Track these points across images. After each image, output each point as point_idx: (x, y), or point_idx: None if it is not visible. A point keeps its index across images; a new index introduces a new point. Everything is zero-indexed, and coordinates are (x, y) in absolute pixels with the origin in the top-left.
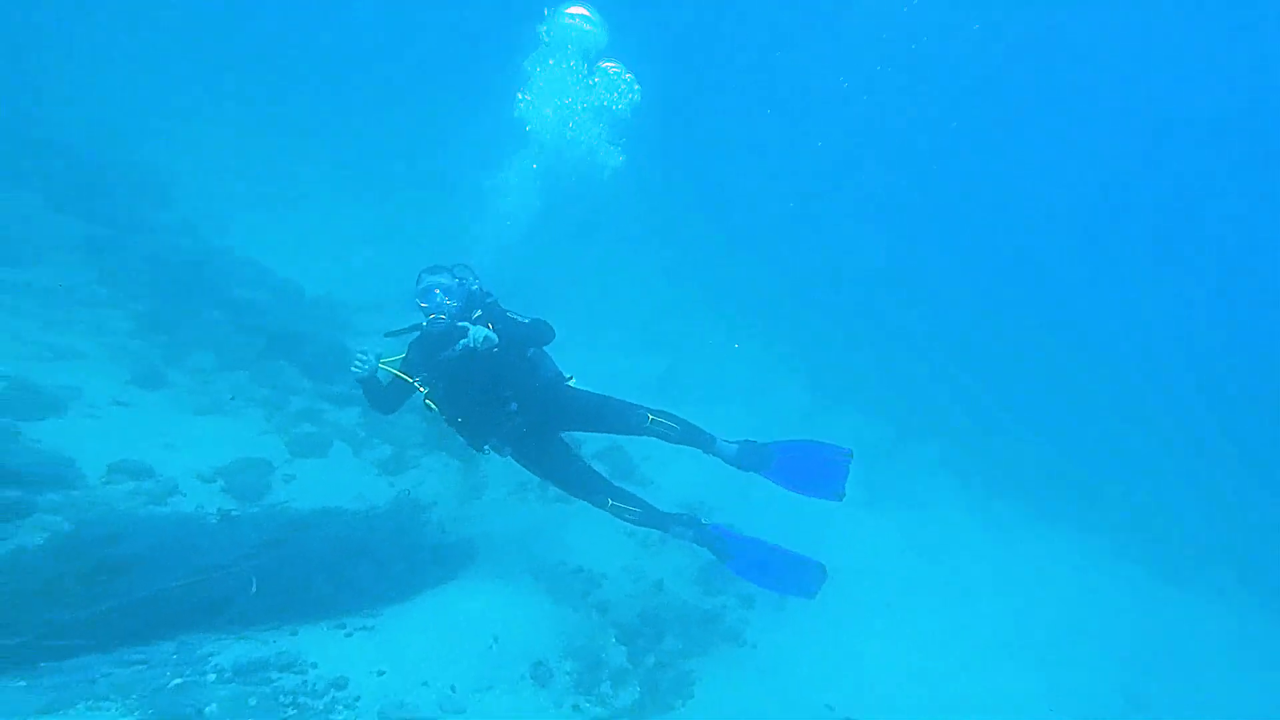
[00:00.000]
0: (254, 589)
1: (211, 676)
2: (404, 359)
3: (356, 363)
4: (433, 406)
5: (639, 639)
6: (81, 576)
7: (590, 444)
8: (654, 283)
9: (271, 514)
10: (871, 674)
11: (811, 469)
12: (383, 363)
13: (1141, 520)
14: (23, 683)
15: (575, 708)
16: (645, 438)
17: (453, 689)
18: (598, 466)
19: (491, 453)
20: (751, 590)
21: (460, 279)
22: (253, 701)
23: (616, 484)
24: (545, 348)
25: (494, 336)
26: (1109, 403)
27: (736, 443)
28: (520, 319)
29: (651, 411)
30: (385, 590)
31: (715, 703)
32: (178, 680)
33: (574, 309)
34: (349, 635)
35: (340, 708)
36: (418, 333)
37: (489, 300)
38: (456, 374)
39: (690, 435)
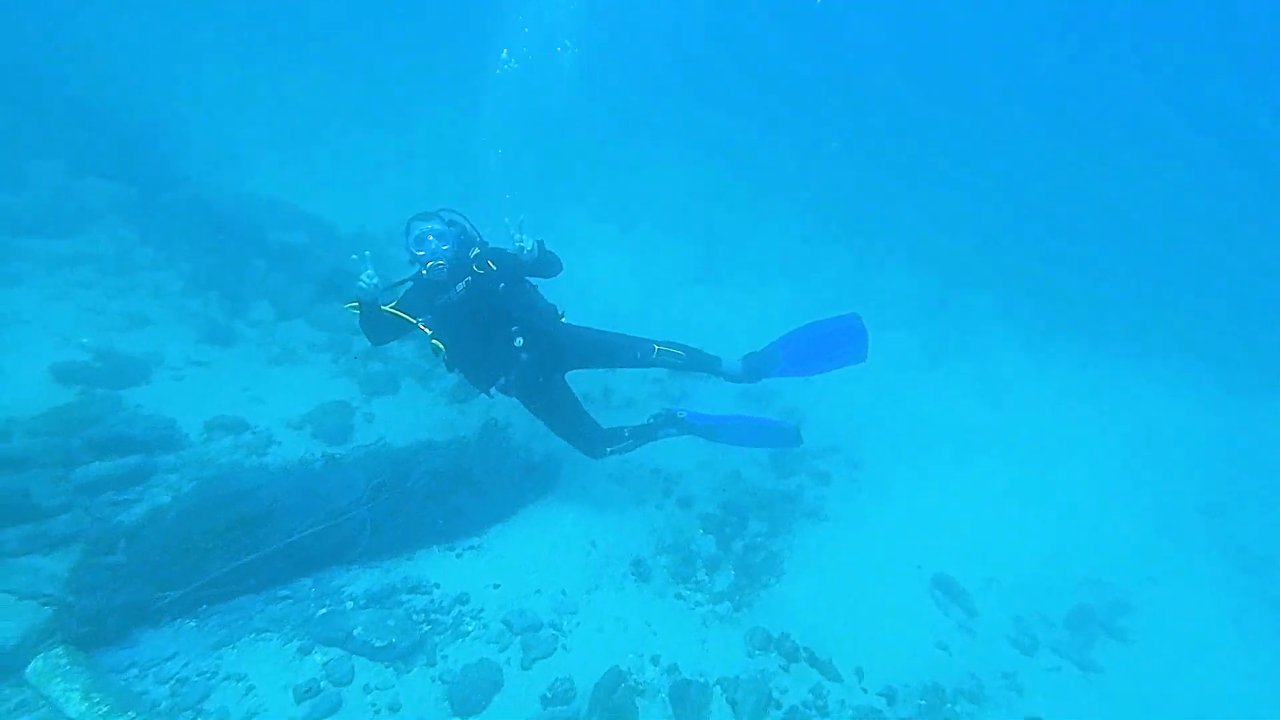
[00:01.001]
0: (370, 530)
1: (349, 604)
2: (400, 302)
3: (362, 281)
4: (440, 346)
5: (725, 527)
6: (218, 533)
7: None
8: (686, 169)
9: (371, 454)
10: (956, 529)
11: (823, 347)
12: (384, 307)
13: (1204, 338)
14: (193, 624)
15: (678, 596)
16: (651, 369)
17: (563, 593)
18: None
19: (498, 394)
20: (822, 466)
21: (451, 221)
22: (391, 622)
23: (603, 426)
24: (542, 281)
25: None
26: (1156, 225)
27: (739, 359)
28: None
29: (657, 342)
30: (486, 512)
31: (806, 576)
32: (323, 610)
33: (607, 201)
34: (459, 556)
35: (468, 620)
36: (412, 282)
37: (484, 241)
38: (460, 315)
39: (696, 361)
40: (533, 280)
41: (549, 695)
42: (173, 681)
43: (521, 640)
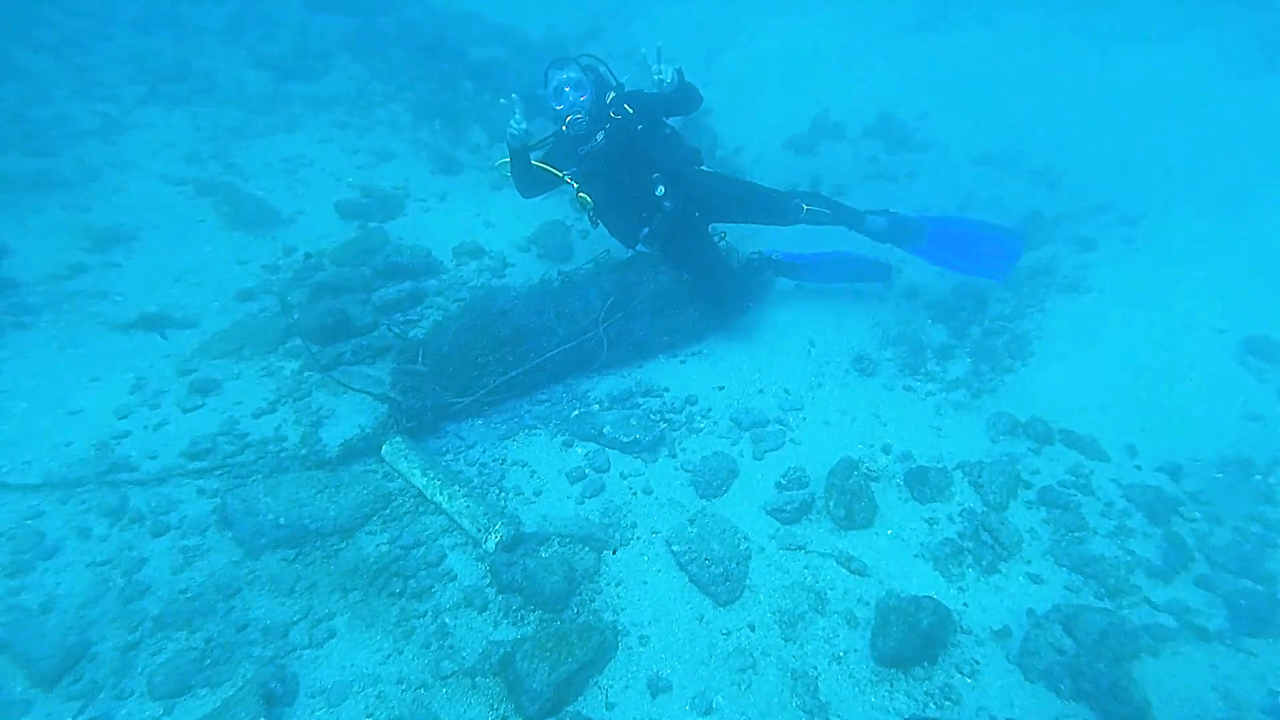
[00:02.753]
0: (606, 349)
1: (595, 406)
2: (547, 155)
3: (511, 127)
4: (586, 199)
5: (959, 314)
6: (489, 348)
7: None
8: None
9: (599, 271)
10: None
11: (970, 247)
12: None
13: None
14: (481, 422)
15: (907, 389)
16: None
17: (786, 391)
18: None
19: (643, 248)
20: (1084, 231)
21: (587, 67)
22: (633, 421)
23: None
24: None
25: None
26: None
27: (884, 215)
28: (659, 91)
29: (805, 201)
30: (704, 322)
31: (1062, 356)
32: (575, 412)
33: None
34: (683, 363)
35: (698, 418)
36: (554, 137)
37: (620, 84)
38: (601, 164)
39: (840, 215)
40: (673, 123)
41: (783, 481)
42: (477, 465)
43: (750, 435)
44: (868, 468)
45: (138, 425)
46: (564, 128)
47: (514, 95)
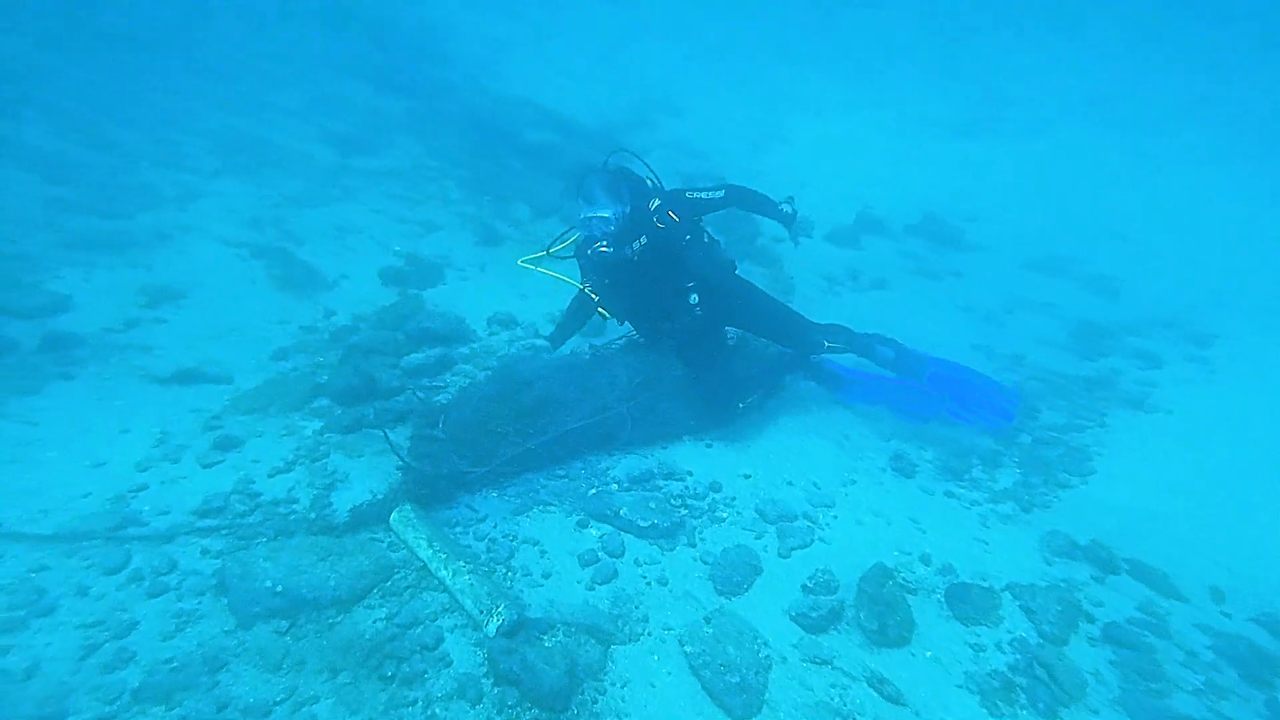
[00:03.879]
0: (630, 426)
1: (614, 486)
2: (575, 254)
3: None
4: (605, 314)
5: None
6: (510, 418)
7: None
8: None
9: (628, 349)
10: None
11: (968, 395)
12: (544, 270)
13: None
14: (495, 494)
15: (949, 495)
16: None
17: (816, 486)
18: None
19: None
20: (1148, 346)
21: (625, 177)
22: (652, 504)
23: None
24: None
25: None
26: None
27: (891, 346)
28: (703, 195)
29: (827, 337)
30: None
31: (1126, 477)
32: (593, 490)
33: (835, 46)
34: (709, 446)
35: (722, 507)
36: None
37: (660, 184)
38: (634, 272)
39: (853, 343)
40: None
41: (810, 584)
42: (486, 540)
43: (776, 529)
44: (904, 577)
45: (156, 479)
46: (590, 251)
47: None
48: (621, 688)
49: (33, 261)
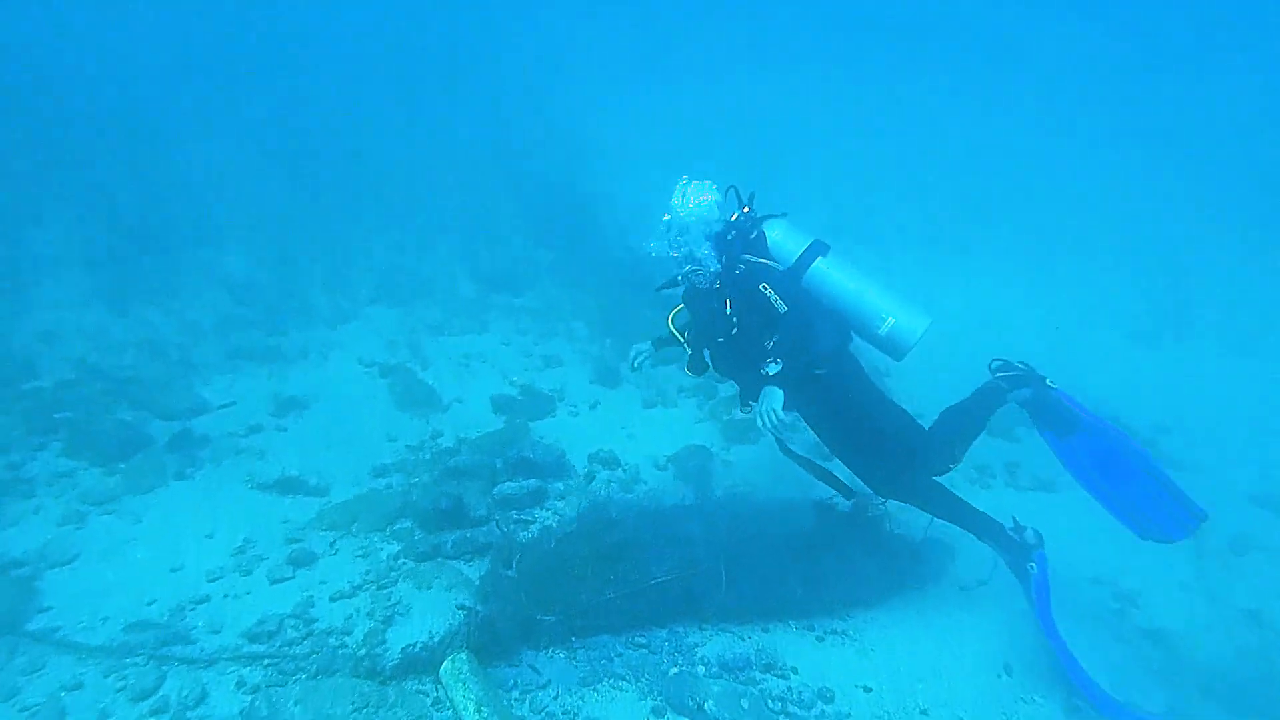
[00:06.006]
0: (725, 584)
1: (701, 669)
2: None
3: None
4: (688, 373)
5: (1246, 694)
6: (590, 560)
7: None
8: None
9: (731, 500)
10: None
11: (1130, 486)
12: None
13: None
14: (562, 655)
15: None
16: None
17: None
18: None
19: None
20: None
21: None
22: (745, 703)
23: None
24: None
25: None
26: None
27: (1031, 387)
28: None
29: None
30: (853, 591)
31: None
32: (675, 669)
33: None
34: (821, 640)
35: None
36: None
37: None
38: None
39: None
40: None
41: None
42: (543, 714)
43: None
44: None
45: (220, 591)
46: (679, 278)
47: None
48: None
49: (195, 368)
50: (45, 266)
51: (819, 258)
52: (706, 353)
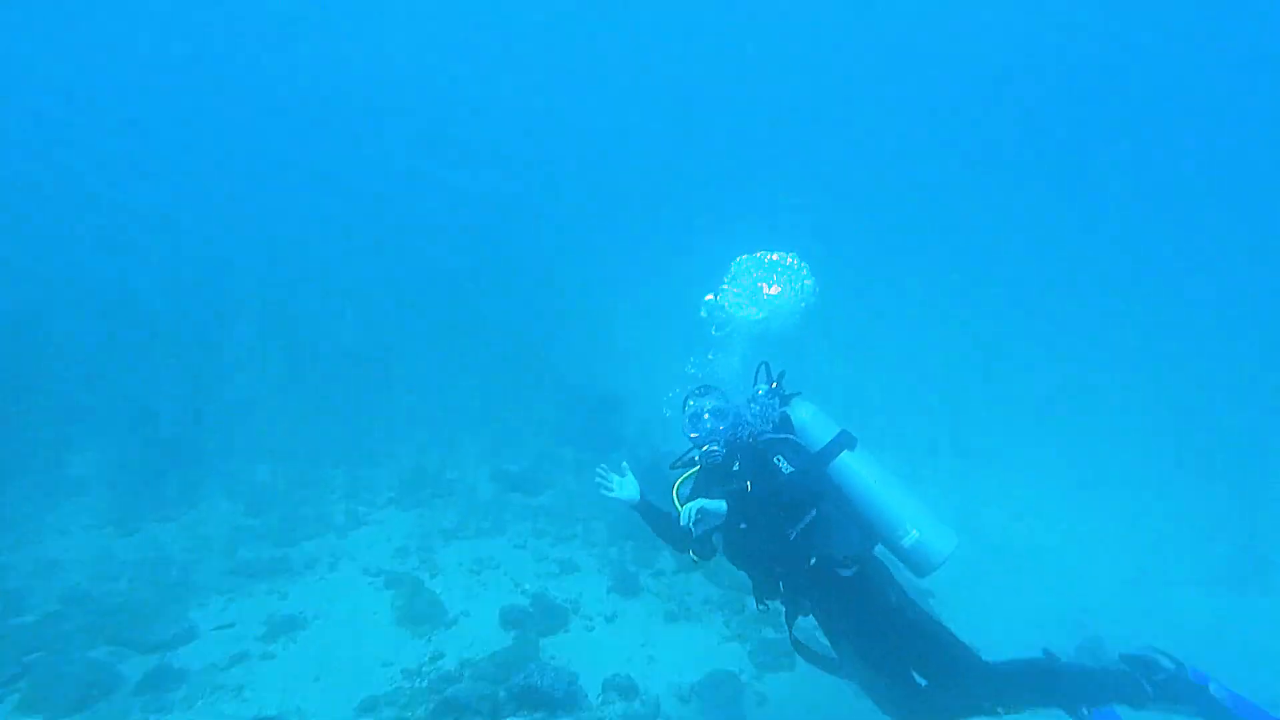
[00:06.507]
0: None
1: None
2: (694, 488)
3: (598, 482)
4: (695, 559)
5: None
6: None
7: None
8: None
9: None
10: None
11: None
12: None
13: None
14: None
15: None
16: None
17: None
18: None
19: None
20: None
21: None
22: None
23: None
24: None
25: (716, 508)
26: None
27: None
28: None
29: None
30: None
31: None
32: None
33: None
34: None
35: None
36: (697, 466)
37: (768, 432)
38: (738, 511)
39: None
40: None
41: None
42: None
43: None
44: None
45: None
46: (698, 455)
47: (624, 464)
48: None
49: (190, 589)
50: (66, 490)
51: (845, 450)
52: (716, 536)
